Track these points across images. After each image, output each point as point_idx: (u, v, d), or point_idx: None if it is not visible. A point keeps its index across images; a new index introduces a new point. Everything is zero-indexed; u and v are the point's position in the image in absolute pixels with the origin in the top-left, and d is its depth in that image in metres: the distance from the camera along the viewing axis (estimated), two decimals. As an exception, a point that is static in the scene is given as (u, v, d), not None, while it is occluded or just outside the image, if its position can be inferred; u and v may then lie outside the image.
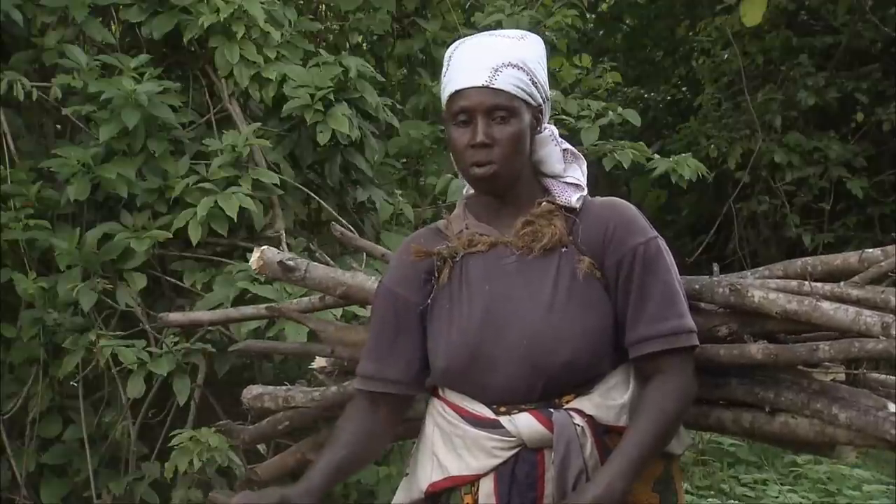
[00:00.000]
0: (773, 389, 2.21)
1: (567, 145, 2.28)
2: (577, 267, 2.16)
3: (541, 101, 2.22)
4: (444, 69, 2.24)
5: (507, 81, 2.15)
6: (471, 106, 2.15)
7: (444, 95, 2.21)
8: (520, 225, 2.20)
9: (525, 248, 2.19)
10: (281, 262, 2.60)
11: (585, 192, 2.24)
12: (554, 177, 2.25)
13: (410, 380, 2.28)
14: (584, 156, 2.32)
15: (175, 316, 3.12)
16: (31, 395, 4.26)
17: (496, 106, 2.15)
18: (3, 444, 4.27)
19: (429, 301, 2.24)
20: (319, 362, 2.65)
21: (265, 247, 2.68)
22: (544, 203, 2.21)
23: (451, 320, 2.20)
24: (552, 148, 2.25)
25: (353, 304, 2.88)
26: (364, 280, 2.60)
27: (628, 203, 2.27)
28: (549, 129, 2.27)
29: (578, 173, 2.26)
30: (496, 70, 2.15)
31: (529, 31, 2.55)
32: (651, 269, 2.16)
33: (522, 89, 2.17)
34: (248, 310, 3.05)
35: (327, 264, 2.76)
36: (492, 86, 2.15)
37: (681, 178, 5.16)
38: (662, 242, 2.21)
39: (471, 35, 2.34)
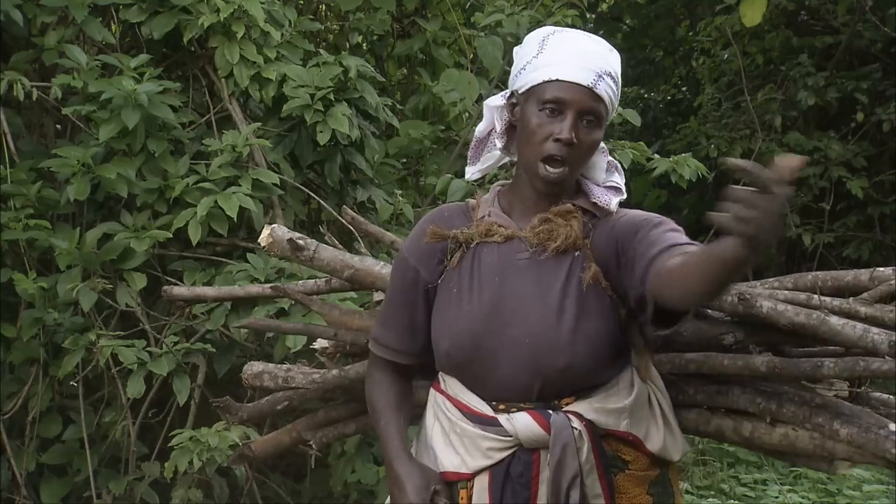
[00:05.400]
0: (775, 401, 2.21)
1: (609, 156, 2.29)
2: (583, 275, 2.15)
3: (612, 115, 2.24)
4: (532, 49, 2.20)
5: (605, 90, 2.16)
6: (569, 101, 2.13)
7: (537, 77, 2.17)
8: (536, 221, 2.20)
9: (539, 245, 2.18)
10: (290, 240, 2.61)
11: (624, 195, 2.24)
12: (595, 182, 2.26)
13: (413, 350, 2.29)
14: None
15: (179, 290, 3.14)
16: (31, 395, 4.25)
17: (591, 110, 2.15)
18: (3, 444, 4.27)
19: (439, 281, 2.25)
20: (321, 343, 2.65)
21: (275, 224, 2.68)
22: (565, 203, 2.20)
23: (459, 306, 2.20)
24: (600, 157, 2.26)
25: (359, 288, 2.87)
26: (373, 265, 2.61)
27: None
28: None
29: (618, 178, 2.26)
30: (600, 76, 2.15)
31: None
32: (658, 223, 2.13)
33: (612, 102, 2.18)
34: (254, 288, 3.06)
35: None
36: (595, 90, 2.14)
37: (681, 178, 5.15)
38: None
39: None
